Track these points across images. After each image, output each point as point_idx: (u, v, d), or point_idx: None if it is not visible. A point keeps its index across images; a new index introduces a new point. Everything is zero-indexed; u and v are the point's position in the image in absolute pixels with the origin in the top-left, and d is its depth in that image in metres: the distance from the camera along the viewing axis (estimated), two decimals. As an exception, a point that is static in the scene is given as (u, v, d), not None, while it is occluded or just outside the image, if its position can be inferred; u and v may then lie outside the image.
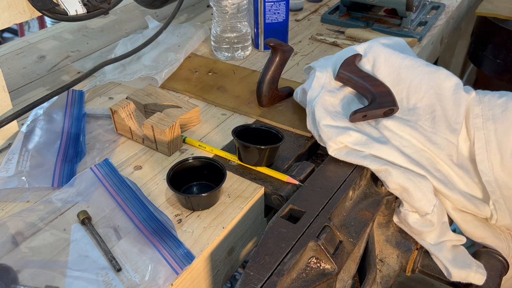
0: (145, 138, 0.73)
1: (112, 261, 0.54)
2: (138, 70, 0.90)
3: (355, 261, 0.59)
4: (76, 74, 0.95)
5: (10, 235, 0.58)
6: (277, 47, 0.76)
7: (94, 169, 0.67)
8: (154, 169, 0.69)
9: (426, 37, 1.08)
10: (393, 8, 1.09)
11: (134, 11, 1.23)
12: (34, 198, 0.64)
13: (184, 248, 0.56)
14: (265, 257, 0.49)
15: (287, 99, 0.83)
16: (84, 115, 0.79)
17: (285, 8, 0.98)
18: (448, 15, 1.19)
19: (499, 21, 1.37)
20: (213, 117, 0.81)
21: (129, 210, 0.61)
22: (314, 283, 0.50)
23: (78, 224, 0.60)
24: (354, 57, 0.72)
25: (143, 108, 0.80)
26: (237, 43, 0.97)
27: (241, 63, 0.98)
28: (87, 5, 0.74)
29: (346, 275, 0.59)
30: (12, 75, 0.95)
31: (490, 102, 0.68)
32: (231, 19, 0.95)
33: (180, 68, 0.94)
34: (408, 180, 0.59)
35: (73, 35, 1.11)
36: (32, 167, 0.68)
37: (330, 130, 0.64)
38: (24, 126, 0.75)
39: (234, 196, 0.64)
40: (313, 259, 0.52)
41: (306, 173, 0.66)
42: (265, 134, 0.69)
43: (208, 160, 0.65)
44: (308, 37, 1.09)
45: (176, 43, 0.99)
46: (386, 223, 0.66)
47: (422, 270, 0.65)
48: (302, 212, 0.56)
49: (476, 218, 0.66)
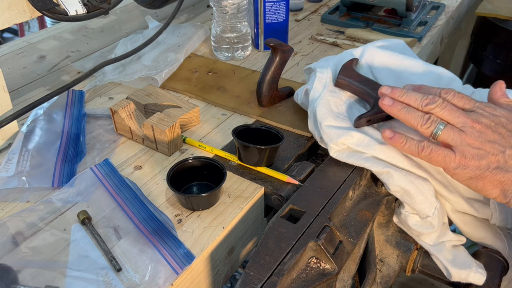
0: (145, 138, 0.73)
1: (112, 261, 0.54)
2: (138, 70, 0.90)
3: (355, 261, 0.59)
4: (76, 74, 0.95)
5: (10, 235, 0.58)
6: (277, 47, 0.76)
7: (94, 169, 0.67)
8: (154, 169, 0.70)
9: (426, 37, 1.08)
10: (393, 8, 1.09)
11: (134, 11, 1.23)
12: (34, 198, 0.64)
13: (184, 248, 0.56)
14: (265, 257, 0.49)
15: (287, 99, 0.83)
16: (84, 115, 0.79)
17: (285, 8, 0.98)
18: (448, 15, 1.19)
19: (499, 21, 1.37)
20: (213, 117, 0.81)
21: (129, 210, 0.61)
22: (314, 283, 0.50)
23: (78, 224, 0.60)
24: (351, 62, 0.72)
25: (143, 108, 0.80)
26: (237, 43, 0.97)
27: (241, 63, 0.98)
28: (87, 5, 0.74)
29: (346, 275, 0.59)
30: (12, 75, 0.95)
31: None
32: (231, 19, 0.95)
33: (180, 68, 0.94)
34: (409, 182, 0.59)
35: (73, 35, 1.11)
36: (32, 167, 0.68)
37: (332, 131, 0.64)
38: (24, 126, 0.75)
39: (234, 196, 0.64)
40: (313, 259, 0.52)
41: (306, 173, 0.66)
42: (265, 134, 0.69)
43: (208, 160, 0.65)
44: (308, 37, 1.09)
45: (176, 43, 0.99)
46: (386, 223, 0.66)
47: (422, 270, 0.65)
48: (302, 212, 0.56)
49: (476, 219, 0.66)
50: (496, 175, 0.54)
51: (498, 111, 0.57)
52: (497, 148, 0.54)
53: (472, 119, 0.56)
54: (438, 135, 0.56)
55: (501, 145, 0.54)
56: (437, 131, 0.56)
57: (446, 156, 0.56)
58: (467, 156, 0.55)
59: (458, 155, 0.55)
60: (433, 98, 0.58)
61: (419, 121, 0.57)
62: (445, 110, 0.57)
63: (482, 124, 0.55)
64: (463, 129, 0.56)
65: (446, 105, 0.57)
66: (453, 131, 0.56)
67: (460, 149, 0.55)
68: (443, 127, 0.56)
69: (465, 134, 0.55)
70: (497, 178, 0.54)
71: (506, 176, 0.54)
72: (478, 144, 0.55)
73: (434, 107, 0.57)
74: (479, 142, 0.55)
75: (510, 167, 0.54)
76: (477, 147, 0.55)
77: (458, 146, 0.55)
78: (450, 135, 0.56)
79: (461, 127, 0.56)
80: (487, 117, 0.56)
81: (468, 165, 0.55)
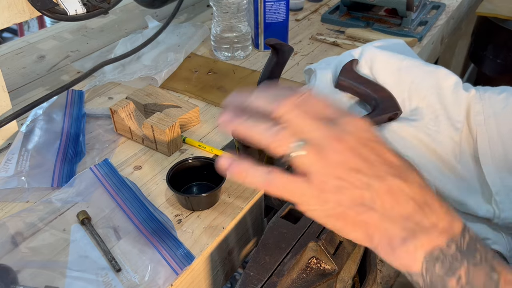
0: (145, 138, 0.73)
1: (112, 262, 0.54)
2: (138, 70, 0.90)
3: (355, 261, 0.59)
4: (75, 74, 0.95)
5: (10, 235, 0.58)
6: (277, 47, 0.76)
7: (93, 169, 0.67)
8: (154, 169, 0.69)
9: (426, 37, 1.08)
10: (393, 8, 1.08)
11: (134, 11, 1.23)
12: (33, 198, 0.64)
13: (184, 249, 0.56)
14: (265, 258, 0.49)
15: (287, 99, 0.83)
16: (84, 115, 0.79)
17: (285, 8, 0.98)
18: (449, 15, 1.19)
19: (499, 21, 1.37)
20: (213, 117, 0.81)
21: (129, 210, 0.61)
22: (314, 284, 0.50)
23: (78, 224, 0.60)
24: (351, 63, 0.72)
25: (143, 108, 0.80)
26: (237, 43, 0.97)
27: (241, 63, 0.98)
28: (87, 5, 0.74)
29: (346, 275, 0.58)
30: (11, 75, 0.95)
31: (491, 99, 0.68)
32: (231, 19, 0.95)
33: (180, 68, 0.93)
34: None
35: (72, 35, 1.11)
36: (32, 167, 0.68)
37: None
38: (23, 126, 0.75)
39: (234, 196, 0.64)
40: (313, 260, 0.52)
41: (306, 173, 0.66)
42: (265, 134, 0.69)
43: (208, 160, 0.65)
44: (308, 37, 1.09)
45: (176, 43, 0.99)
46: (387, 223, 0.66)
47: (423, 270, 0.65)
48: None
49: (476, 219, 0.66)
50: (360, 214, 0.40)
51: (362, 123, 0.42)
52: (362, 180, 0.40)
53: (333, 134, 0.40)
54: (292, 157, 0.40)
55: (367, 176, 0.40)
56: (291, 152, 0.40)
57: (302, 190, 0.41)
58: (325, 189, 0.40)
59: (315, 187, 0.40)
60: (284, 100, 0.41)
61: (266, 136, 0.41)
62: (299, 117, 0.40)
63: (345, 144, 0.40)
64: (322, 147, 0.40)
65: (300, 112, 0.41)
66: (313, 153, 0.40)
67: (318, 178, 0.40)
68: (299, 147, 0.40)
69: (325, 157, 0.40)
70: (361, 219, 0.40)
71: (373, 217, 0.40)
72: (340, 173, 0.40)
73: (285, 112, 0.40)
74: (341, 169, 0.40)
75: (376, 205, 0.40)
76: (337, 177, 0.40)
77: (316, 174, 0.40)
78: (309, 159, 0.40)
79: (319, 144, 0.40)
80: (350, 133, 0.41)
81: (327, 199, 0.40)
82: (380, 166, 0.41)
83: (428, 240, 0.39)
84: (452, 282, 0.39)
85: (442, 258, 0.39)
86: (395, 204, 0.40)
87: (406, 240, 0.40)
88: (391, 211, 0.40)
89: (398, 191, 0.40)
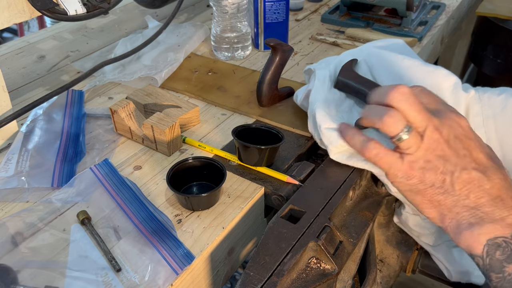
0: (145, 138, 0.73)
1: (112, 262, 0.54)
2: (138, 70, 0.90)
3: (355, 261, 0.59)
4: (76, 74, 0.95)
5: (10, 235, 0.58)
6: (277, 47, 0.76)
7: (93, 169, 0.67)
8: (154, 169, 0.69)
9: (426, 37, 1.08)
10: (393, 8, 1.08)
11: (134, 11, 1.23)
12: (33, 198, 0.64)
13: (184, 248, 0.56)
14: (265, 258, 0.49)
15: (287, 99, 0.83)
16: (84, 115, 0.79)
17: (285, 8, 0.98)
18: (449, 15, 1.19)
19: (499, 21, 1.37)
20: (213, 117, 0.81)
21: (129, 210, 0.61)
22: (314, 284, 0.50)
23: (78, 224, 0.60)
24: (351, 63, 0.72)
25: (143, 108, 0.80)
26: (237, 43, 0.97)
27: (241, 63, 0.98)
28: (87, 5, 0.74)
29: (346, 275, 0.58)
30: (11, 75, 0.95)
31: (490, 100, 0.68)
32: (231, 19, 0.95)
33: (180, 68, 0.93)
34: None
35: (72, 35, 1.11)
36: (32, 167, 0.68)
37: (332, 134, 0.64)
38: (23, 126, 0.75)
39: (234, 196, 0.64)
40: (313, 260, 0.52)
41: (306, 173, 0.66)
42: (265, 134, 0.69)
43: (208, 160, 0.65)
44: (308, 37, 1.09)
45: (176, 43, 0.99)
46: (387, 223, 0.66)
47: (423, 271, 0.65)
48: (302, 212, 0.56)
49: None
50: (437, 195, 0.48)
51: (462, 120, 0.49)
52: (447, 167, 0.47)
53: (435, 124, 0.48)
54: (403, 140, 0.48)
55: (453, 165, 0.47)
56: (401, 136, 0.48)
57: (393, 163, 0.49)
58: (414, 167, 0.48)
59: (406, 164, 0.48)
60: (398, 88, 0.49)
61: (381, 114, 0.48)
62: (411, 104, 0.48)
63: (441, 134, 0.48)
64: (422, 134, 0.48)
65: (415, 99, 0.48)
66: (414, 139, 0.48)
67: (410, 158, 0.48)
68: (408, 133, 0.48)
69: (422, 143, 0.48)
70: (437, 199, 0.48)
71: (448, 199, 0.47)
72: (430, 157, 0.48)
73: (398, 97, 0.48)
74: (432, 155, 0.48)
75: (454, 191, 0.47)
76: (427, 160, 0.48)
77: (410, 155, 0.49)
78: (409, 143, 0.48)
79: (420, 131, 0.48)
80: (449, 126, 0.48)
81: (413, 176, 0.48)
82: (467, 160, 0.47)
83: (494, 229, 0.45)
84: (510, 268, 0.44)
85: (504, 246, 0.44)
86: (471, 194, 0.47)
87: (473, 225, 0.46)
88: (465, 199, 0.47)
89: (476, 184, 0.46)
